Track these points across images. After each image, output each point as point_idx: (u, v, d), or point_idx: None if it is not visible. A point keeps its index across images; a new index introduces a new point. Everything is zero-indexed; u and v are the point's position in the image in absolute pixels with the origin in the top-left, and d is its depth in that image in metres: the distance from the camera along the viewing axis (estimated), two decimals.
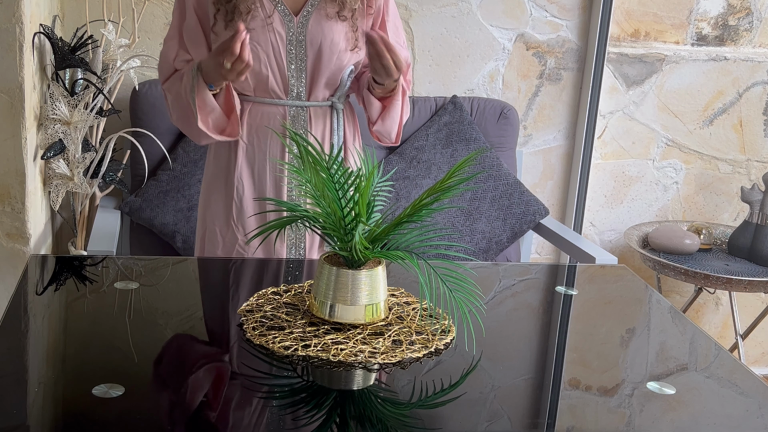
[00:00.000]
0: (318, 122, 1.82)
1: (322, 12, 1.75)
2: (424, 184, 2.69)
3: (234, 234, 1.84)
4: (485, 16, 2.89)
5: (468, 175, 1.43)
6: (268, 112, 1.80)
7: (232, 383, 1.17)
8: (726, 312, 3.31)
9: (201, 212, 1.91)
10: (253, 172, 1.83)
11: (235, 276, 1.61)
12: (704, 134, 3.14)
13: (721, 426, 1.15)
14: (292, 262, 1.72)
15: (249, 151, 1.82)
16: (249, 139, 1.81)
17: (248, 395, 1.13)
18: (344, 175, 1.27)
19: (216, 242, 1.86)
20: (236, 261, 1.72)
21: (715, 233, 3.05)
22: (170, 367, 1.21)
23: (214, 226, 1.86)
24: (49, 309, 1.38)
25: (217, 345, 1.30)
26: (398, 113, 1.83)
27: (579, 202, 3.06)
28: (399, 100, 1.81)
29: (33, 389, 1.11)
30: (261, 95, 1.80)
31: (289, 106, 1.80)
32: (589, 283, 1.71)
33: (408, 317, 1.36)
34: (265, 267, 1.68)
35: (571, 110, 3.03)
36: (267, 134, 1.80)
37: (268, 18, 1.73)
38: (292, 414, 1.09)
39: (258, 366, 1.21)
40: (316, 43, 1.75)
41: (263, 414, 1.08)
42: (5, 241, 2.21)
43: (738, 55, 3.07)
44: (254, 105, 1.80)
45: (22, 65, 2.12)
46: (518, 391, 1.20)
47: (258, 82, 1.78)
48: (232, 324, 1.34)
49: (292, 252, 1.86)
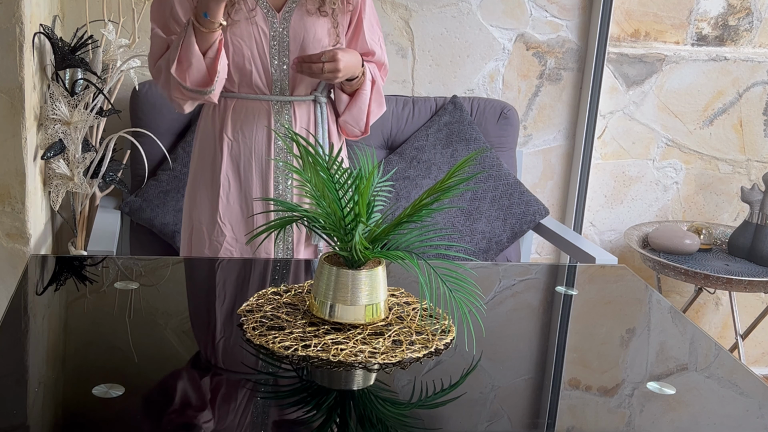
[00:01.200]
0: (302, 116, 1.84)
1: (303, 8, 1.78)
2: (424, 184, 2.69)
3: (220, 231, 1.84)
4: (485, 16, 2.89)
5: (468, 175, 1.43)
6: (253, 107, 1.82)
7: (232, 383, 1.17)
8: (726, 312, 3.31)
9: (187, 211, 1.92)
10: (238, 169, 1.84)
11: (238, 276, 1.61)
12: (704, 134, 3.14)
13: (721, 426, 1.15)
14: (284, 261, 1.73)
15: (234, 148, 1.83)
16: (234, 135, 1.82)
17: (248, 395, 1.13)
18: (344, 175, 1.27)
19: (202, 240, 1.86)
20: (241, 261, 1.72)
21: (715, 233, 3.05)
22: (170, 367, 1.21)
23: (201, 224, 1.87)
24: (49, 309, 1.38)
25: (217, 345, 1.30)
26: (365, 103, 1.87)
27: (579, 202, 3.06)
28: (366, 90, 1.85)
29: (33, 389, 1.11)
30: (245, 91, 1.81)
31: (273, 101, 1.81)
32: (589, 283, 1.71)
33: (408, 317, 1.36)
34: (264, 265, 1.68)
35: (571, 110, 3.03)
36: (252, 130, 1.81)
37: (251, 12, 1.75)
38: (292, 414, 1.09)
39: (258, 366, 1.21)
40: (299, 38, 1.78)
41: (263, 414, 1.08)
42: (5, 241, 2.21)
43: (738, 55, 3.07)
44: (238, 101, 1.82)
45: (22, 65, 2.12)
46: (518, 391, 1.20)
47: (242, 78, 1.79)
48: (232, 324, 1.34)
49: (279, 247, 1.86)
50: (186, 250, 1.93)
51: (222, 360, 1.24)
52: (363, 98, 1.86)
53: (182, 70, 1.70)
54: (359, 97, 1.86)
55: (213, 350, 1.28)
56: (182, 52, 1.69)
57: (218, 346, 1.29)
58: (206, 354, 1.26)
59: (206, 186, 1.86)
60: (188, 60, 1.69)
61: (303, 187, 1.31)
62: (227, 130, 1.82)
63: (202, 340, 1.32)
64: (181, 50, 1.69)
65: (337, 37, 1.82)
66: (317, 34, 1.79)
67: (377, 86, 1.88)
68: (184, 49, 1.69)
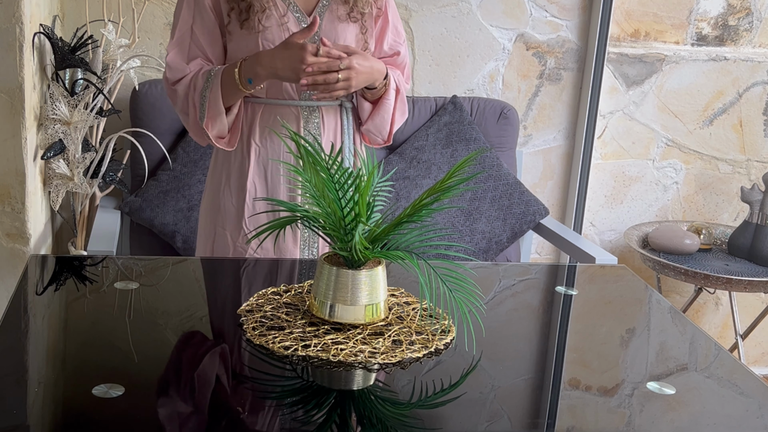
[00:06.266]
0: (330, 121, 1.83)
1: (334, 13, 1.76)
2: (424, 184, 2.69)
3: (246, 237, 1.82)
4: (485, 16, 2.89)
5: (468, 175, 1.43)
6: (281, 113, 1.80)
7: (231, 383, 1.17)
8: (726, 312, 3.31)
9: (208, 217, 1.89)
10: (266, 175, 1.82)
11: (238, 276, 1.61)
12: (704, 134, 3.14)
13: (721, 426, 1.15)
14: (284, 262, 1.73)
15: (262, 154, 1.81)
16: (262, 141, 1.80)
17: (248, 395, 1.13)
18: (344, 175, 1.27)
19: (226, 246, 1.85)
20: (241, 261, 1.72)
21: (715, 233, 3.05)
22: (170, 367, 1.21)
23: (224, 230, 1.84)
24: (49, 309, 1.38)
25: (217, 345, 1.30)
26: (389, 113, 1.84)
27: (579, 202, 3.06)
28: (390, 99, 1.83)
29: (33, 389, 1.11)
30: (274, 97, 1.79)
31: (302, 107, 1.80)
32: (589, 283, 1.71)
33: (408, 317, 1.36)
34: (271, 267, 1.67)
35: (571, 110, 3.03)
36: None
37: (282, 18, 1.74)
38: (292, 414, 1.09)
39: (258, 366, 1.21)
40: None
41: (263, 414, 1.08)
42: (5, 241, 2.21)
43: (738, 55, 3.07)
44: (266, 107, 1.80)
45: (22, 65, 2.12)
46: (518, 391, 1.20)
47: (271, 84, 1.78)
48: (232, 324, 1.34)
49: (305, 252, 1.85)
50: (206, 255, 1.90)
51: (222, 360, 1.24)
52: (386, 108, 1.83)
53: (208, 120, 1.74)
54: (382, 106, 1.83)
55: (213, 350, 1.28)
56: (210, 108, 1.73)
57: (218, 346, 1.29)
58: (206, 354, 1.26)
59: (232, 191, 1.84)
60: (213, 116, 1.73)
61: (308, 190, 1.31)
62: (255, 135, 1.80)
63: (202, 340, 1.32)
64: (209, 106, 1.72)
65: (365, 43, 1.81)
66: (347, 40, 1.77)
67: (401, 95, 1.86)
68: (212, 103, 1.72)
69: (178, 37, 1.77)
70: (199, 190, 2.54)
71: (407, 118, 2.83)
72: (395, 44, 1.89)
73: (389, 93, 1.82)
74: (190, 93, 1.75)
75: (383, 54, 1.88)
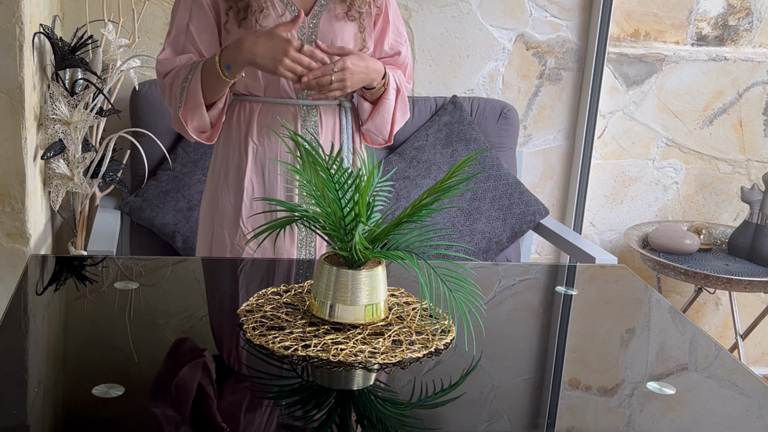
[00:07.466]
0: (328, 121, 1.82)
1: (331, 12, 1.76)
2: (424, 184, 2.69)
3: (243, 236, 1.82)
4: (485, 16, 2.89)
5: (468, 175, 1.43)
6: (279, 111, 1.79)
7: (231, 383, 1.17)
8: (726, 312, 3.31)
9: (207, 215, 1.89)
10: (263, 174, 1.82)
11: (237, 276, 1.61)
12: (704, 134, 3.14)
13: (721, 426, 1.15)
14: (284, 262, 1.73)
15: (260, 152, 1.81)
16: (259, 140, 1.80)
17: (248, 395, 1.13)
18: (344, 175, 1.27)
19: (224, 245, 1.85)
20: (241, 261, 1.72)
21: (715, 233, 3.05)
22: (170, 367, 1.21)
23: (222, 228, 1.85)
24: (49, 309, 1.38)
25: (217, 345, 1.30)
26: (389, 112, 1.84)
27: (579, 202, 3.06)
28: (390, 99, 1.82)
29: (33, 389, 1.11)
30: (271, 95, 1.79)
31: (300, 106, 1.80)
32: (589, 283, 1.71)
33: (408, 317, 1.36)
34: (270, 267, 1.67)
35: (571, 110, 3.03)
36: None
37: (280, 17, 1.73)
38: (292, 414, 1.09)
39: (258, 366, 1.21)
40: (327, 42, 1.75)
41: (263, 414, 1.08)
42: (5, 241, 2.21)
43: (738, 55, 3.07)
44: (264, 105, 1.80)
45: (22, 65, 2.12)
46: (518, 391, 1.20)
47: (269, 82, 1.77)
48: (232, 324, 1.34)
49: (302, 252, 1.85)
50: (205, 254, 1.90)
51: (222, 360, 1.24)
52: (386, 107, 1.83)
53: (187, 111, 1.74)
54: (382, 106, 1.83)
55: (213, 350, 1.28)
56: (189, 100, 1.72)
57: (218, 346, 1.29)
58: (206, 354, 1.26)
59: (230, 190, 1.84)
60: (192, 108, 1.73)
61: (306, 190, 1.31)
62: (252, 134, 1.80)
63: (202, 340, 1.32)
64: (187, 97, 1.72)
65: (364, 42, 1.80)
66: (345, 39, 1.77)
67: (402, 95, 1.85)
68: (191, 94, 1.71)
69: (174, 34, 1.77)
70: (199, 190, 2.54)
71: (407, 118, 2.83)
72: (396, 44, 1.88)
73: (389, 93, 1.82)
74: (174, 83, 1.75)
75: (384, 54, 1.88)
